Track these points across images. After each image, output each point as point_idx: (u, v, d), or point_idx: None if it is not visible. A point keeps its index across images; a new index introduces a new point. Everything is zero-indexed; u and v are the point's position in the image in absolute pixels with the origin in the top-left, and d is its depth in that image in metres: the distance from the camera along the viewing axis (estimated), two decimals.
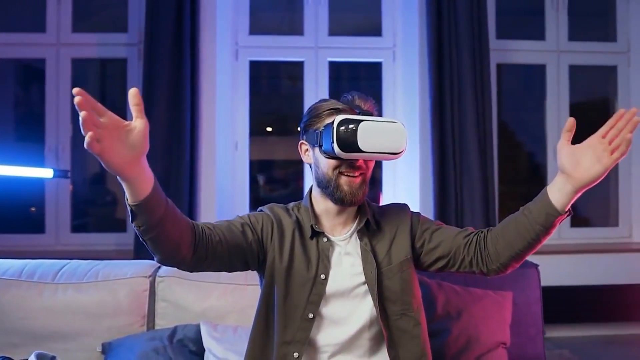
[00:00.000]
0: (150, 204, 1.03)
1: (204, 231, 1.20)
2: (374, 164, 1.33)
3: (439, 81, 3.14)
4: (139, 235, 1.09)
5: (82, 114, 0.88)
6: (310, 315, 1.28)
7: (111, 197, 3.77)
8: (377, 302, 1.28)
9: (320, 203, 1.35)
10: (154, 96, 2.97)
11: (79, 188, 3.64)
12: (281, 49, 3.46)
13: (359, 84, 4.13)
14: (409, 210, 1.42)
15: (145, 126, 0.98)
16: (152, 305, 1.83)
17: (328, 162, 1.27)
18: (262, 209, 1.38)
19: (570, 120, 1.13)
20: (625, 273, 3.34)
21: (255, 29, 3.44)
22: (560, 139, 1.15)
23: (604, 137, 1.11)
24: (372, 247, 1.33)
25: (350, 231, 1.35)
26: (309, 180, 3.38)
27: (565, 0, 3.56)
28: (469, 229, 1.36)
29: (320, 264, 1.30)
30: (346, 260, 1.32)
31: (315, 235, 1.33)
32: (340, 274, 1.31)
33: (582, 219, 3.74)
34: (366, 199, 1.36)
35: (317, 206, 1.36)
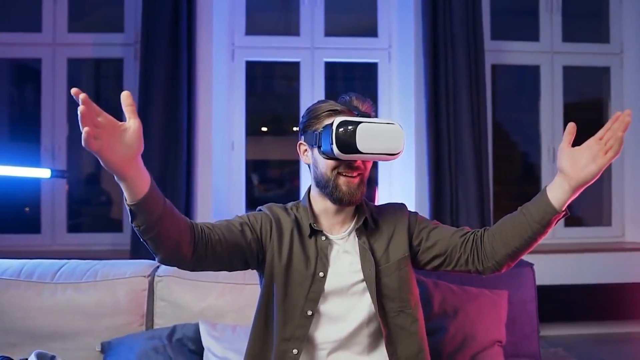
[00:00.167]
0: (148, 203, 1.06)
1: (203, 230, 1.22)
2: (371, 165, 1.35)
3: (434, 82, 3.16)
4: (139, 235, 1.11)
5: (81, 108, 0.91)
6: (309, 313, 1.29)
7: (106, 197, 3.76)
8: (376, 300, 1.30)
9: (319, 202, 1.36)
10: (151, 96, 2.98)
11: (73, 188, 3.63)
12: (277, 49, 3.47)
13: (354, 84, 4.15)
14: (407, 209, 1.44)
15: (139, 126, 1.01)
16: (151, 304, 1.83)
17: (327, 163, 1.29)
18: (261, 209, 1.40)
19: (571, 124, 1.18)
20: (618, 272, 3.37)
21: (252, 29, 3.44)
22: (562, 142, 1.19)
23: (601, 139, 1.15)
24: (370, 245, 1.35)
25: (349, 230, 1.37)
26: (305, 180, 3.42)
27: (559, 2, 3.59)
28: (465, 229, 1.38)
29: (318, 262, 1.32)
30: (344, 258, 1.34)
31: (313, 234, 1.35)
32: (338, 272, 1.32)
33: (576, 218, 3.77)
34: (364, 199, 1.38)
35: (316, 206, 1.37)
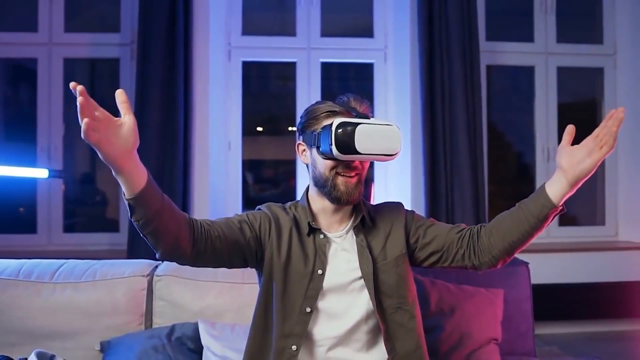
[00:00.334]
0: (146, 197, 1.09)
1: (202, 226, 1.24)
2: (369, 165, 1.38)
3: (430, 82, 3.18)
4: (138, 230, 1.13)
5: (80, 99, 0.95)
6: (308, 310, 1.31)
7: (101, 197, 3.76)
8: (374, 296, 1.32)
9: (317, 202, 1.38)
10: (147, 96, 2.98)
11: (69, 188, 3.62)
12: (274, 49, 3.48)
13: (350, 84, 4.16)
14: (404, 208, 1.46)
15: (134, 122, 1.05)
16: (150, 304, 1.83)
17: (325, 163, 1.31)
18: (260, 208, 1.42)
19: (571, 127, 1.23)
20: (611, 271, 3.41)
21: (248, 29, 3.45)
22: (562, 141, 1.24)
23: (597, 137, 1.19)
24: (368, 243, 1.37)
25: (347, 228, 1.38)
26: (301, 180, 3.43)
27: (554, 3, 3.62)
28: (462, 225, 1.41)
29: (317, 260, 1.33)
30: (343, 256, 1.36)
31: (312, 232, 1.36)
32: (336, 269, 1.34)
33: (570, 218, 3.80)
34: (361, 198, 1.40)
35: (314, 205, 1.39)
